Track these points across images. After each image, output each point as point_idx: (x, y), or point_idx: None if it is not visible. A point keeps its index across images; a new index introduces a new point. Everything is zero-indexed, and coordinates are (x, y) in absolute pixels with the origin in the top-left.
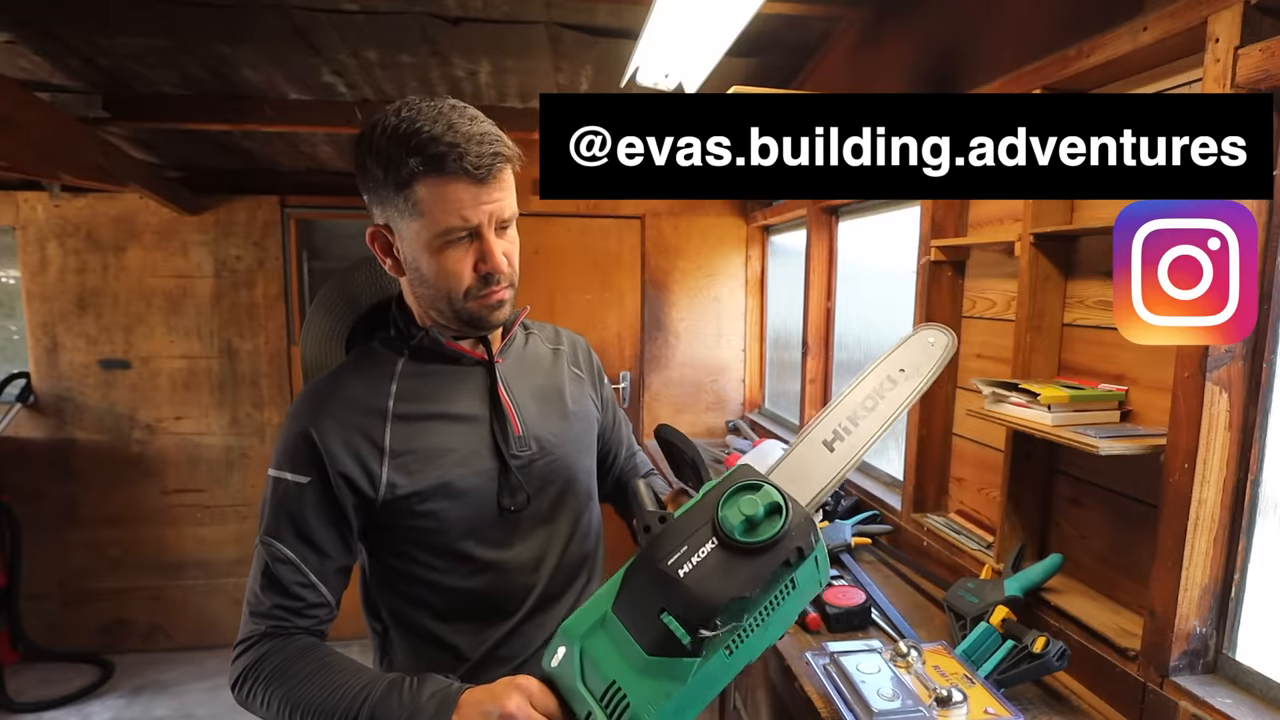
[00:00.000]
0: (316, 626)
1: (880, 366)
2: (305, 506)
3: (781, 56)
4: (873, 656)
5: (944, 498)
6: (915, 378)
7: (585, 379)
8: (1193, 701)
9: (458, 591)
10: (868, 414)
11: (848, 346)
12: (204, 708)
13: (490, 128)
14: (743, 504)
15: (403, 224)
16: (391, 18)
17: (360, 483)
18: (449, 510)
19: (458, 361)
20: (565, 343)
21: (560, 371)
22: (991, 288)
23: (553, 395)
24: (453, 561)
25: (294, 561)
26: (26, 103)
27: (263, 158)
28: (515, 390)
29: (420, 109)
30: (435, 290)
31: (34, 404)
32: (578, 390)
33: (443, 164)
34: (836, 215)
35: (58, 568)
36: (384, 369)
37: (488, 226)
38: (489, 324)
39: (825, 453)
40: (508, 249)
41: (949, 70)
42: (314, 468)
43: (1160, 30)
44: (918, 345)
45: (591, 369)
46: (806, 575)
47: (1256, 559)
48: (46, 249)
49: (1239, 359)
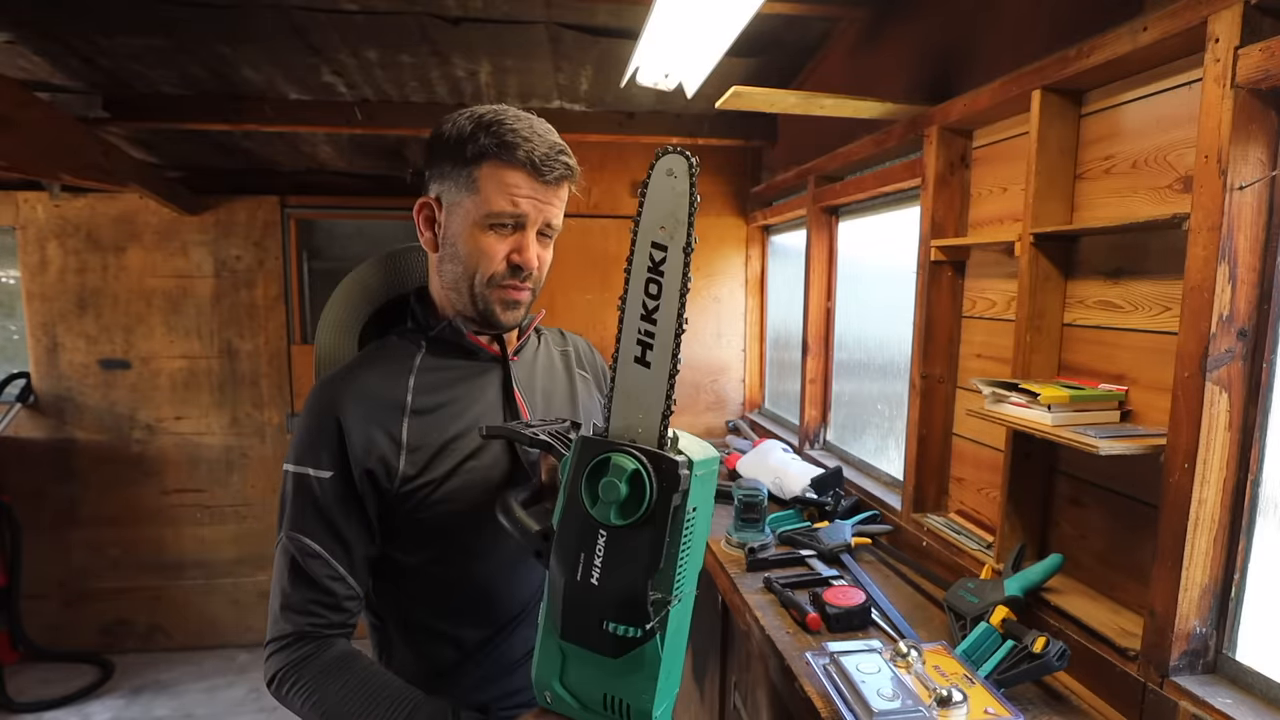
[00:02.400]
0: (349, 620)
1: (639, 239)
2: (330, 500)
3: (781, 56)
4: (873, 656)
5: (944, 498)
6: (679, 230)
7: (590, 379)
8: (1193, 701)
9: (462, 584)
10: (657, 301)
11: (848, 346)
12: (203, 708)
13: (564, 143)
14: (604, 490)
15: (456, 198)
16: (391, 18)
17: (379, 475)
18: (459, 501)
19: (474, 356)
20: (571, 345)
21: (569, 374)
22: (991, 288)
23: (562, 397)
24: (459, 553)
25: (323, 555)
26: (26, 103)
27: (263, 158)
28: (527, 389)
29: (510, 111)
30: (463, 268)
31: (34, 404)
32: (584, 392)
33: (513, 151)
34: (836, 215)
35: (58, 568)
36: (402, 363)
37: (532, 223)
38: (500, 322)
39: (643, 370)
40: (543, 253)
41: (949, 70)
42: (336, 462)
43: (1160, 30)
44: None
45: (595, 370)
46: (699, 495)
47: (1256, 559)
48: (46, 249)
49: (1239, 359)
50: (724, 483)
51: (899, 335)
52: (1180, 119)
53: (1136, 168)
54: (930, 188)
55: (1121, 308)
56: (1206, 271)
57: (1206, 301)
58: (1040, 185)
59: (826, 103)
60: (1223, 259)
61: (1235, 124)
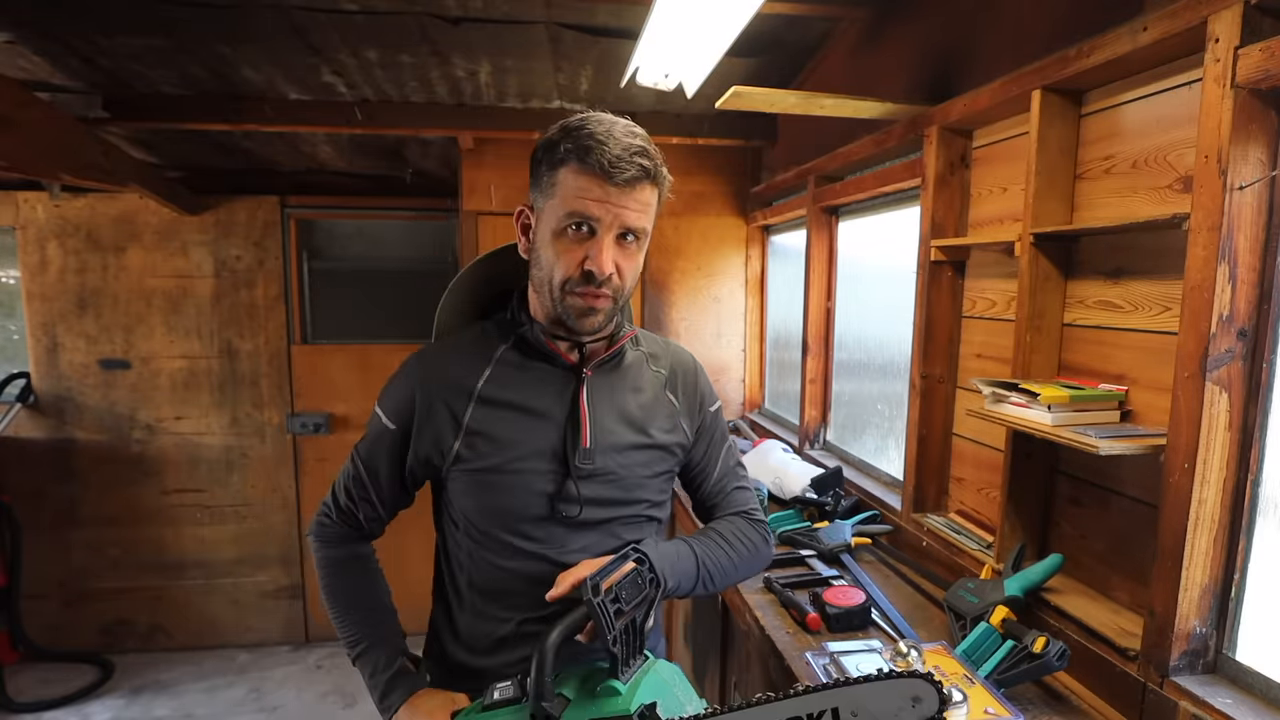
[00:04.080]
0: (374, 530)
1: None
2: (385, 446)
3: (782, 56)
4: (873, 656)
5: (944, 498)
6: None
7: (680, 406)
8: (1193, 701)
9: (495, 569)
10: None
11: (848, 346)
12: (203, 708)
13: (646, 145)
14: None
15: (542, 203)
16: (391, 18)
17: (430, 451)
18: (501, 496)
19: (551, 361)
20: (668, 367)
21: (653, 397)
22: (991, 288)
23: (634, 420)
24: (494, 543)
25: (365, 482)
26: (26, 103)
27: (263, 158)
28: (597, 404)
29: (597, 116)
30: (544, 273)
31: (34, 404)
32: (665, 418)
33: (586, 155)
34: (836, 215)
35: (58, 568)
36: (485, 351)
37: (607, 228)
38: (578, 328)
39: None
40: (622, 260)
41: (949, 70)
42: (401, 422)
43: (1160, 30)
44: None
45: (693, 396)
46: None
47: (1256, 559)
48: (46, 249)
49: (1239, 359)
50: None
51: (899, 335)
52: (1180, 119)
53: (1136, 168)
54: (930, 188)
55: (1121, 308)
56: (1206, 271)
57: (1206, 301)
58: (1040, 185)
59: (826, 103)
60: (1223, 259)
61: (1235, 124)
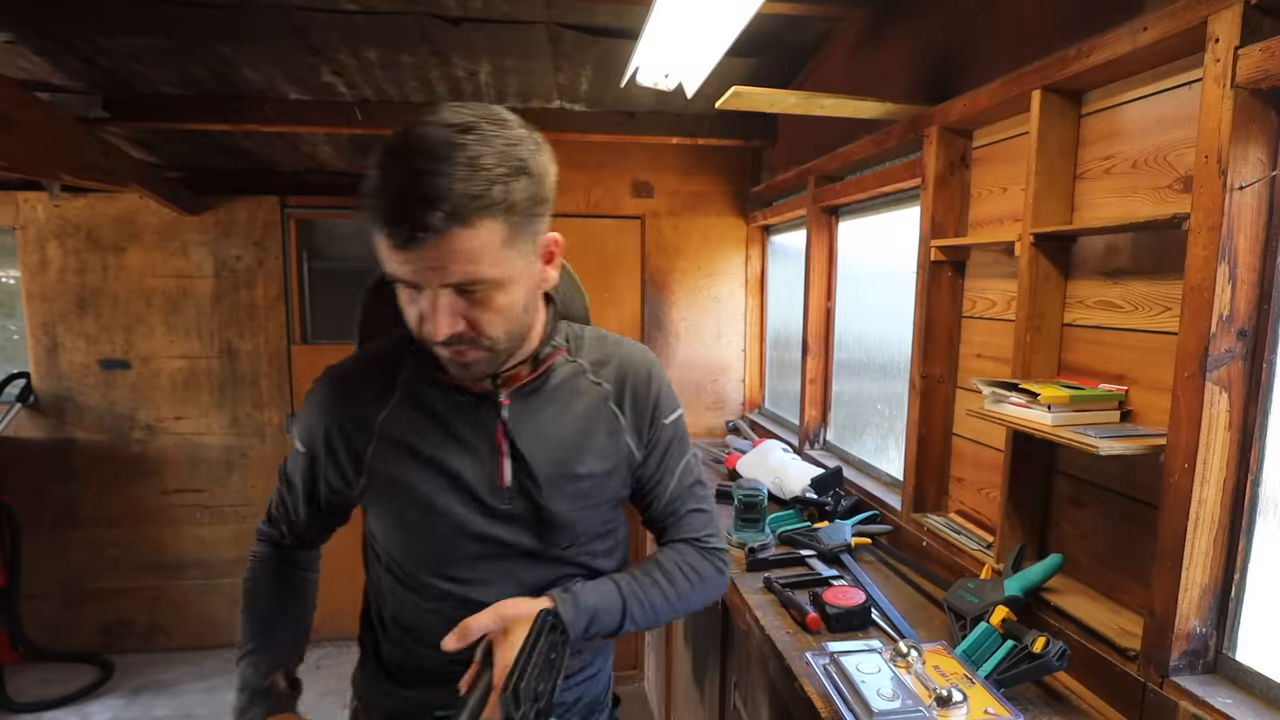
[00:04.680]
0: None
1: None
2: (298, 468)
3: (782, 56)
4: (873, 656)
5: (944, 498)
6: None
7: (627, 421)
8: (1193, 701)
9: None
10: None
11: (848, 346)
12: (203, 708)
13: (451, 182)
14: None
15: None
16: (391, 18)
17: (339, 484)
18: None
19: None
20: (614, 377)
21: (590, 416)
22: (991, 288)
23: (568, 445)
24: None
25: (285, 500)
26: (26, 103)
27: (263, 158)
28: (521, 433)
29: (404, 139)
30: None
31: (34, 404)
32: (606, 437)
33: (373, 214)
34: (836, 215)
35: (58, 568)
36: (391, 374)
37: (433, 286)
38: (463, 379)
39: None
40: (474, 312)
41: (949, 70)
42: (309, 448)
43: (1160, 30)
44: None
45: (644, 406)
46: None
47: (1256, 559)
48: (46, 249)
49: (1239, 359)
50: (724, 483)
51: (899, 335)
52: (1180, 119)
53: (1136, 168)
54: (930, 188)
55: (1121, 308)
56: (1206, 271)
57: (1206, 301)
58: (1040, 185)
59: (826, 103)
60: (1223, 259)
61: (1235, 124)
